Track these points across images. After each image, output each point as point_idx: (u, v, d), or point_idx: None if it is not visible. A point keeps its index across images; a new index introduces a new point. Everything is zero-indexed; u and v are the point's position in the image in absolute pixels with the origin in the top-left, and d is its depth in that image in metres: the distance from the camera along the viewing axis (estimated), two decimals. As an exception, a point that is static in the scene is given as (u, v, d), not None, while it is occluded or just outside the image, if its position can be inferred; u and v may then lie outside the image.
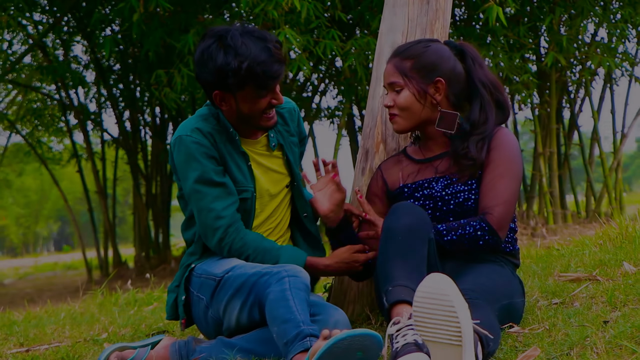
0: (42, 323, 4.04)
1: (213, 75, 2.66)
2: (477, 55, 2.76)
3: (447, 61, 2.70)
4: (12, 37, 10.98)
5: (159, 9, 6.91)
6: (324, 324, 2.60)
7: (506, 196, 2.59)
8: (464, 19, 9.23)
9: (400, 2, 3.14)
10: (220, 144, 2.77)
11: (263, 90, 2.69)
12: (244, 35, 2.64)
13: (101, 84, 11.16)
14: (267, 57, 2.63)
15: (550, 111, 9.85)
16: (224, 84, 2.67)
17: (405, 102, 2.69)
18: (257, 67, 2.61)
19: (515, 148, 2.68)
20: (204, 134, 2.74)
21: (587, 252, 3.85)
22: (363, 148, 3.15)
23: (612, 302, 2.70)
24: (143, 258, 11.08)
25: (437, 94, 2.69)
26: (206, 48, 2.66)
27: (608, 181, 10.33)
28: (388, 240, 2.44)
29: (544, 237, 8.41)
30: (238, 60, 2.61)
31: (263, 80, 2.65)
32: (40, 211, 33.33)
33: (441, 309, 2.05)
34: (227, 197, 2.76)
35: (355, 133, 10.79)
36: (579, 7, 8.19)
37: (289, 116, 2.99)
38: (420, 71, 2.68)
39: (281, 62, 2.69)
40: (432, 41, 2.77)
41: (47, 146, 14.23)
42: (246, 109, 2.74)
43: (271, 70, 2.65)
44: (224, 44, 2.63)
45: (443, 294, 2.05)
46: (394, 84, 2.71)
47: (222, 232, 2.75)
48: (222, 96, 2.72)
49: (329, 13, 7.37)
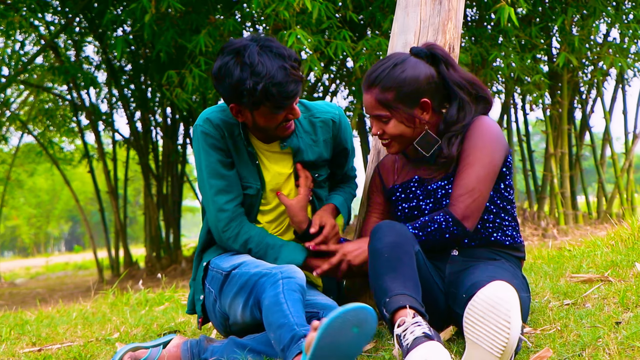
0: (54, 323, 4.06)
1: (229, 91, 2.67)
2: (448, 57, 2.74)
3: (425, 78, 2.66)
4: (25, 37, 11.04)
5: (171, 9, 6.93)
6: None
7: (472, 185, 2.58)
8: (476, 19, 9.21)
9: (413, 2, 3.14)
10: (230, 139, 2.80)
11: (279, 110, 2.69)
12: (262, 52, 2.62)
13: (112, 85, 11.20)
14: (283, 77, 2.61)
15: (562, 112, 9.82)
16: (240, 101, 2.68)
17: (396, 130, 2.68)
18: (273, 87, 2.60)
19: (488, 134, 2.64)
20: (214, 126, 2.78)
21: (599, 253, 3.83)
22: (375, 148, 3.16)
23: (624, 303, 2.69)
24: (154, 258, 11.11)
25: (425, 114, 2.68)
26: (224, 64, 2.65)
27: (619, 182, 10.28)
28: (375, 260, 2.46)
29: (554, 237, 8.39)
30: (254, 80, 2.59)
31: (278, 100, 2.64)
32: (52, 211, 33.47)
33: (497, 318, 2.07)
34: (231, 190, 2.79)
35: (366, 133, 10.78)
36: (591, 7, 8.15)
37: (321, 126, 2.94)
38: (404, 100, 2.65)
39: (298, 81, 2.66)
40: (403, 60, 2.68)
41: (58, 146, 14.29)
42: (262, 123, 2.75)
43: (287, 90, 2.63)
44: (242, 61, 2.61)
45: (506, 305, 2.07)
46: (381, 117, 2.68)
47: (224, 225, 2.79)
48: (238, 109, 2.73)
49: (340, 13, 7.37)
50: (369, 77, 2.69)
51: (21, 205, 27.35)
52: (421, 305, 2.30)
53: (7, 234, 34.08)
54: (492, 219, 2.68)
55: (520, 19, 8.24)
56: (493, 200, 2.68)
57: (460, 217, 2.57)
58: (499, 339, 2.06)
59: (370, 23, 8.55)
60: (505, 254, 2.71)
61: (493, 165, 2.62)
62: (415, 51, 2.73)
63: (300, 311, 2.42)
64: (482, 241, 2.68)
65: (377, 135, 2.71)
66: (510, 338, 2.05)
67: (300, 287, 2.51)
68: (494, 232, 2.69)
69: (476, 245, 2.68)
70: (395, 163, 2.89)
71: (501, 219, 2.70)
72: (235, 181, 2.81)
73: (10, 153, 15.36)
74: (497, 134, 2.66)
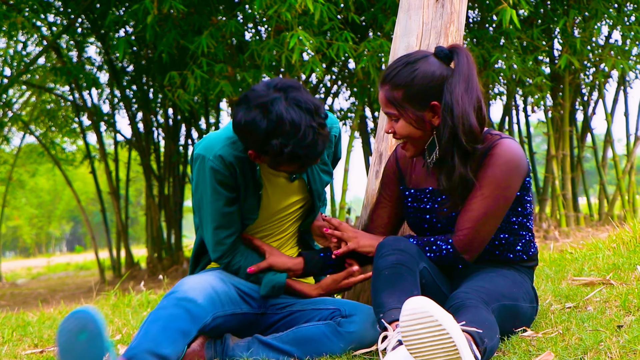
0: (56, 324, 4.05)
1: (253, 145, 2.57)
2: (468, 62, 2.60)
3: (438, 79, 2.54)
4: (27, 38, 11.04)
5: (173, 10, 6.94)
6: (361, 324, 2.64)
7: (477, 218, 2.52)
8: (478, 21, 9.21)
9: (415, 5, 3.15)
10: (240, 175, 2.72)
11: (303, 167, 2.64)
12: (289, 106, 2.48)
13: (114, 85, 11.20)
14: (311, 139, 2.49)
15: (564, 113, 9.81)
16: (263, 153, 2.58)
17: (405, 130, 2.59)
18: (301, 150, 2.50)
19: (506, 165, 2.53)
20: (226, 164, 2.67)
21: (601, 256, 3.83)
22: (377, 151, 3.16)
23: (626, 307, 2.69)
24: (155, 259, 11.11)
25: (436, 117, 2.57)
26: (251, 120, 2.51)
27: (621, 184, 10.28)
28: (376, 278, 2.47)
29: (556, 239, 8.39)
30: (281, 141, 2.48)
31: (304, 160, 2.56)
32: (53, 212, 33.44)
33: (428, 327, 2.07)
34: (231, 226, 2.78)
35: (367, 135, 10.77)
36: (593, 9, 8.15)
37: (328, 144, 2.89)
38: (412, 101, 2.55)
39: (326, 140, 2.56)
40: (420, 59, 2.58)
41: (60, 147, 14.29)
42: (282, 169, 2.68)
43: (315, 152, 2.54)
44: (269, 117, 2.48)
45: (424, 313, 2.07)
46: (390, 115, 2.61)
47: (220, 256, 2.81)
48: (258, 156, 2.63)
49: (342, 15, 7.37)
50: (383, 73, 2.63)
51: (23, 205, 27.33)
52: None
53: (8, 234, 34.05)
54: (505, 237, 2.65)
55: (522, 20, 8.23)
56: (509, 220, 2.63)
57: (460, 249, 2.55)
58: (445, 344, 2.06)
59: (372, 24, 8.56)
60: (515, 265, 2.69)
61: (506, 199, 2.55)
62: (436, 51, 2.62)
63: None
64: (491, 258, 2.67)
65: (389, 133, 2.65)
66: (452, 334, 2.05)
67: (178, 300, 2.55)
68: (505, 251, 2.66)
69: (486, 260, 2.67)
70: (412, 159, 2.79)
71: (515, 236, 2.66)
72: (236, 217, 2.78)
73: (12, 153, 15.35)
74: (516, 163, 2.56)
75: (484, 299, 2.38)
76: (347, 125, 11.44)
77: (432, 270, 2.59)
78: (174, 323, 2.49)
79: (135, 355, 2.41)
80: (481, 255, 2.63)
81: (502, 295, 2.49)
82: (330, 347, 2.64)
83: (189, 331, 2.54)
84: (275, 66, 8.21)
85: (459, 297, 2.37)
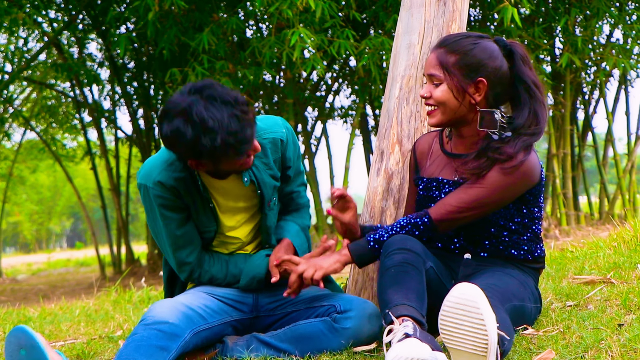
0: (57, 320, 4.07)
1: (186, 152, 2.56)
2: (527, 56, 2.65)
3: (494, 61, 2.58)
4: (28, 34, 11.06)
5: (174, 7, 6.94)
6: (357, 319, 2.63)
7: (467, 204, 2.55)
8: (479, 19, 9.21)
9: (417, 3, 3.15)
10: (185, 194, 2.72)
11: (240, 156, 2.60)
12: (208, 104, 2.50)
13: (115, 82, 11.20)
14: (237, 125, 2.51)
15: (565, 112, 9.81)
16: (199, 158, 2.57)
17: (442, 96, 2.59)
18: (230, 138, 2.50)
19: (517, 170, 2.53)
20: (167, 188, 2.68)
21: (601, 255, 3.84)
22: (378, 149, 3.16)
23: (626, 305, 2.69)
24: (156, 255, 11.11)
25: (477, 94, 2.59)
26: (175, 129, 2.51)
27: (622, 183, 10.28)
28: (382, 276, 2.47)
29: (556, 238, 8.39)
30: (209, 137, 2.49)
31: (238, 148, 2.55)
32: (54, 208, 33.49)
33: (470, 319, 2.06)
34: (189, 244, 2.79)
35: (368, 133, 10.78)
36: (594, 8, 8.15)
37: (270, 147, 2.83)
38: (463, 68, 2.57)
39: (252, 124, 2.57)
40: (482, 37, 2.64)
41: (61, 143, 14.31)
42: (225, 168, 2.67)
43: (244, 137, 2.54)
44: (192, 120, 2.48)
45: (473, 304, 2.06)
46: (434, 77, 2.61)
47: (188, 274, 2.83)
48: (198, 163, 2.62)
49: (344, 12, 7.38)
50: (442, 39, 2.66)
51: (23, 201, 27.35)
52: (421, 315, 2.30)
53: (9, 230, 34.08)
54: (507, 235, 2.65)
55: (523, 19, 8.23)
56: (512, 219, 2.65)
57: (435, 217, 2.57)
58: (479, 338, 2.06)
59: (374, 22, 8.56)
60: (519, 265, 2.69)
61: (502, 199, 2.56)
62: (497, 39, 2.66)
63: None
64: (495, 254, 2.68)
65: (424, 97, 2.64)
66: (489, 333, 2.05)
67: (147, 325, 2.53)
68: (509, 247, 2.67)
69: (489, 256, 2.68)
70: (432, 147, 2.81)
71: (519, 234, 2.66)
72: (193, 233, 2.79)
73: (12, 149, 15.37)
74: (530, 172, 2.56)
75: (499, 299, 2.38)
76: (348, 123, 11.45)
77: (438, 269, 2.59)
78: (147, 341, 2.46)
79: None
80: (485, 247, 2.66)
81: (513, 295, 2.49)
82: (328, 344, 2.64)
83: (166, 347, 2.49)
84: (276, 63, 8.22)
85: None
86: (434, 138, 2.83)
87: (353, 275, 3.20)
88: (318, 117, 10.90)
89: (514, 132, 2.57)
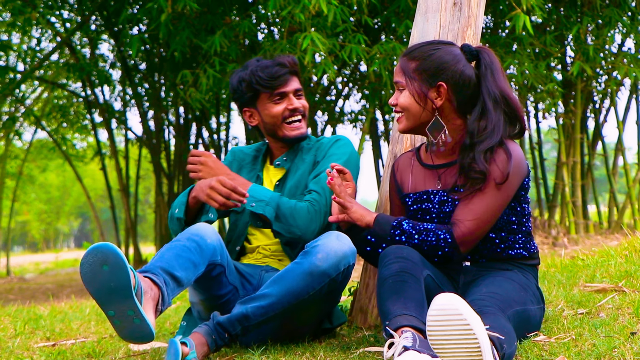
0: (68, 318, 4.08)
1: (236, 95, 3.10)
2: (493, 63, 2.66)
3: (455, 65, 2.62)
4: (41, 34, 11.11)
5: (187, 9, 6.96)
6: (326, 237, 2.71)
7: (479, 213, 2.55)
8: (491, 26, 9.21)
9: (432, 8, 3.15)
10: (246, 164, 3.21)
11: (272, 94, 3.03)
12: (260, 58, 3.10)
13: (126, 83, 11.24)
14: (269, 63, 3.03)
15: (575, 121, 9.79)
16: (244, 99, 3.08)
17: (405, 102, 2.68)
18: (260, 71, 3.00)
19: (510, 167, 2.56)
20: (234, 153, 3.28)
21: (613, 263, 3.83)
22: (391, 153, 3.16)
23: (638, 314, 2.69)
24: (163, 257, 11.13)
25: (438, 99, 2.64)
26: (232, 77, 3.12)
27: (631, 192, 10.25)
28: (380, 287, 2.47)
29: (565, 246, 8.37)
30: (244, 72, 3.05)
31: (267, 81, 3.01)
32: (62, 207, 33.56)
33: (456, 327, 2.07)
34: None
35: (378, 138, 10.78)
36: (606, 17, 8.13)
37: (321, 147, 3.16)
38: (422, 74, 2.64)
39: (283, 65, 3.01)
40: (444, 44, 2.69)
41: (71, 143, 14.36)
42: (268, 119, 3.05)
43: (272, 71, 3.00)
44: (241, 67, 3.11)
45: (455, 311, 2.07)
46: (398, 83, 2.70)
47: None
48: (250, 112, 3.12)
49: (356, 17, 7.38)
50: (406, 49, 2.75)
51: (32, 200, 27.40)
52: (422, 322, 2.29)
53: (17, 229, 34.17)
54: (505, 236, 2.67)
55: (535, 26, 8.22)
56: (509, 219, 2.66)
57: (459, 240, 2.56)
58: (469, 343, 2.06)
59: (385, 27, 8.56)
60: (518, 264, 2.70)
61: (506, 197, 2.59)
62: (464, 46, 2.71)
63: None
64: (493, 256, 2.68)
65: (392, 105, 2.72)
66: (478, 336, 2.05)
67: (191, 234, 2.73)
68: (506, 248, 2.68)
69: (487, 260, 2.69)
70: (412, 164, 2.84)
71: (514, 234, 2.69)
72: None
73: (23, 148, 15.43)
74: (518, 163, 2.59)
75: (499, 306, 2.39)
76: (358, 127, 11.46)
77: (437, 277, 2.60)
78: (186, 253, 2.64)
79: (151, 269, 2.54)
80: (483, 253, 2.66)
81: (514, 301, 2.49)
82: (301, 269, 2.66)
83: (198, 264, 2.67)
84: (287, 67, 8.21)
85: (475, 304, 2.37)
86: (411, 157, 2.87)
87: (364, 279, 3.20)
88: (328, 122, 10.90)
89: (470, 137, 2.60)
